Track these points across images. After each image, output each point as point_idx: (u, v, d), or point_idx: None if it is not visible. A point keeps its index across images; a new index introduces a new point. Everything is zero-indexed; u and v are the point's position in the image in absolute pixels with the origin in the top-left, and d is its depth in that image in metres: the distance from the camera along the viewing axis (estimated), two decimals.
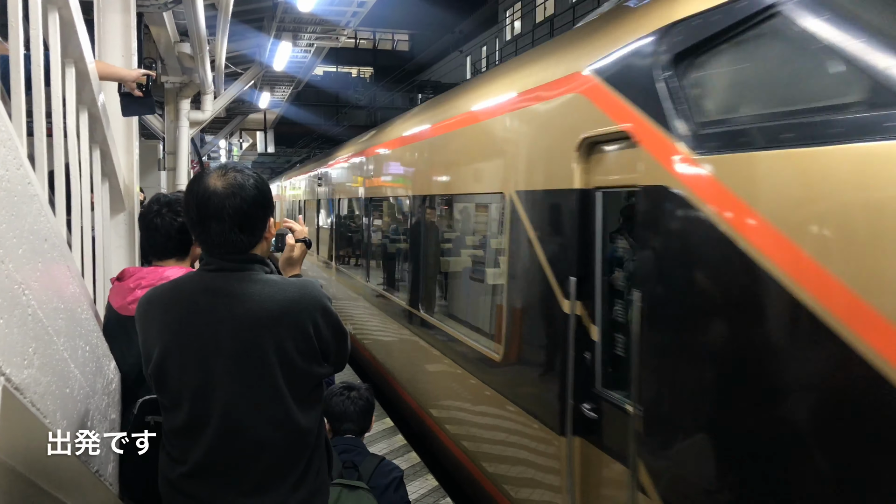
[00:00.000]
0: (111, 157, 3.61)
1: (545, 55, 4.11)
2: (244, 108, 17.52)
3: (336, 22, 10.30)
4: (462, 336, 5.02)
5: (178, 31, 8.43)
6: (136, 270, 2.79)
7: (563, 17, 25.10)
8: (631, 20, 3.20)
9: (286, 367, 1.99)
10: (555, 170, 3.53)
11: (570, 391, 3.28)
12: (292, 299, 2.01)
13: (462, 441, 5.04)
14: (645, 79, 2.82)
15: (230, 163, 2.19)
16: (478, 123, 4.71)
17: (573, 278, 3.29)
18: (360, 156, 8.81)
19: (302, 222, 2.59)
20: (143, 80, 3.70)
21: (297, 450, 2.07)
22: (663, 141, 2.66)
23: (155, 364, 2.04)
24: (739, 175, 2.33)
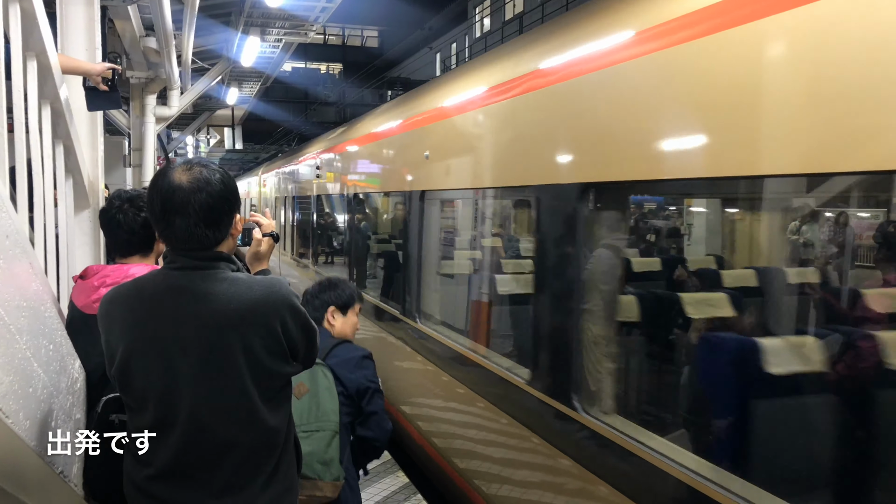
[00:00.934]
0: (75, 153, 3.55)
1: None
2: (211, 104, 17.32)
3: (305, 17, 10.22)
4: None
5: (143, 26, 8.30)
6: (99, 268, 2.75)
7: (532, 15, 25.19)
8: None
9: (254, 367, 1.97)
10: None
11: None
12: (259, 298, 1.99)
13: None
14: None
15: (195, 158, 2.18)
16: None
17: None
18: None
19: (269, 215, 2.57)
20: (108, 75, 3.65)
21: (266, 449, 2.05)
22: None
23: (119, 364, 2.00)
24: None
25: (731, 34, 2.40)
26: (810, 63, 2.15)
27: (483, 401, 4.24)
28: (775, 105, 2.27)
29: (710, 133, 2.51)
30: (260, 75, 15.30)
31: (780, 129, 2.24)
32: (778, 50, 2.29)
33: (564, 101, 3.39)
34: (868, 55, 1.97)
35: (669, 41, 2.66)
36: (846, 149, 2.03)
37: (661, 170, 2.78)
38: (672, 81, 2.68)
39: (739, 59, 2.38)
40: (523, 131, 3.82)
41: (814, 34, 2.13)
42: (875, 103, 1.95)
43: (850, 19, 2.03)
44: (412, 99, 6.31)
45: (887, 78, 1.90)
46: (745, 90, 2.36)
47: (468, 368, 4.58)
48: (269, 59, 13.22)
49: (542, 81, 3.56)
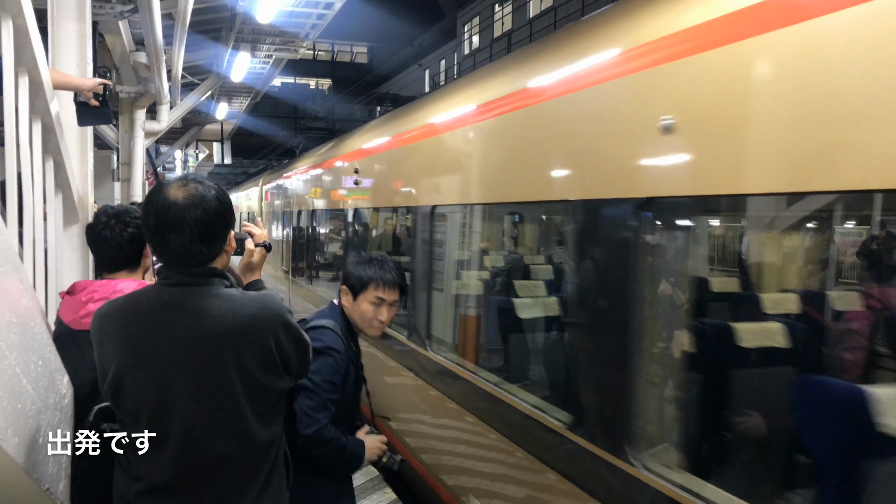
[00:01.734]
0: (65, 168, 3.54)
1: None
2: (200, 119, 17.33)
3: (295, 33, 10.29)
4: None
5: (133, 41, 8.32)
6: (87, 284, 2.74)
7: (520, 33, 25.39)
8: None
9: (247, 384, 1.97)
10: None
11: None
12: (252, 314, 2.00)
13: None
14: None
15: (190, 174, 2.17)
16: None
17: None
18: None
19: (261, 225, 2.57)
20: (99, 90, 3.65)
21: (257, 465, 2.05)
22: None
23: (111, 380, 2.00)
24: None
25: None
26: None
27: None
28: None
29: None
30: (250, 90, 15.34)
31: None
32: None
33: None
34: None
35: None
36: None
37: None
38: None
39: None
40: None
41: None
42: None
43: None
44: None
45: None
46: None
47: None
48: (259, 75, 13.27)
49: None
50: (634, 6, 3.12)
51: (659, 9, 2.86)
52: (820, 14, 2.05)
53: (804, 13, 2.11)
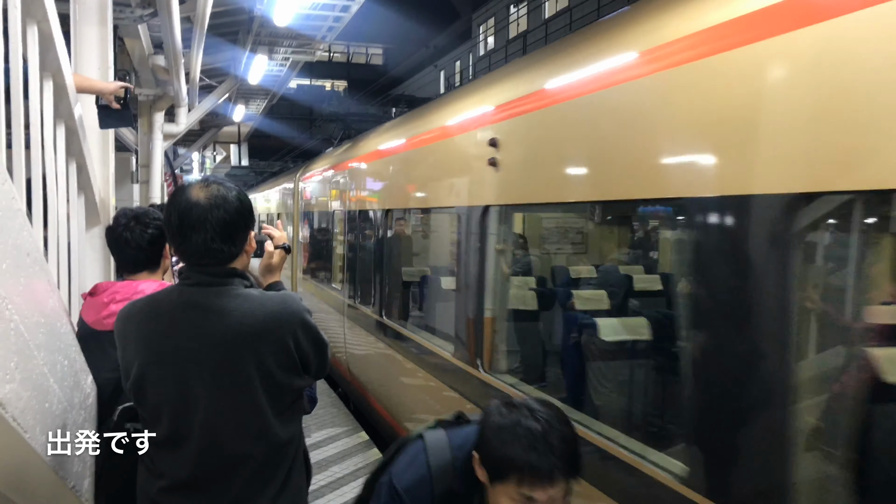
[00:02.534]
0: (87, 170, 3.59)
1: None
2: (218, 121, 17.45)
3: (312, 36, 10.34)
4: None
5: (152, 44, 8.40)
6: (109, 285, 2.78)
7: (535, 34, 25.36)
8: None
9: (266, 382, 2.00)
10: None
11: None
12: (272, 314, 2.03)
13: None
14: None
15: (211, 176, 2.22)
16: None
17: None
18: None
19: (281, 228, 2.60)
20: (121, 93, 3.70)
21: (277, 462, 2.07)
22: None
23: (134, 378, 2.04)
24: None
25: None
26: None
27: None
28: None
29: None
30: (267, 93, 15.44)
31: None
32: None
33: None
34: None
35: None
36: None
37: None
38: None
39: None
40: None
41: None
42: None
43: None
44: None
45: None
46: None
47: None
48: (276, 77, 13.34)
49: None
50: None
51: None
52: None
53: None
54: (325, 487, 5.30)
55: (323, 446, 6.27)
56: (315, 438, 6.45)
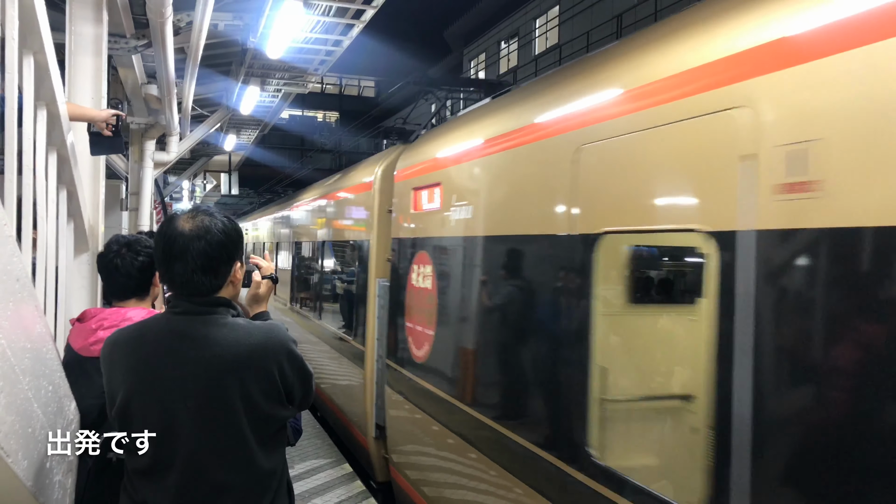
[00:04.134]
0: (77, 197, 3.62)
1: None
2: (209, 150, 17.51)
3: (304, 69, 10.44)
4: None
5: (145, 73, 8.47)
6: (97, 311, 2.79)
7: (525, 69, 25.70)
8: None
9: (250, 411, 2.02)
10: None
11: None
12: (257, 343, 2.05)
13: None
14: None
15: (201, 206, 2.24)
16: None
17: None
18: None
19: (269, 258, 2.64)
20: (112, 121, 3.75)
21: (260, 493, 2.08)
22: None
23: (119, 406, 2.05)
24: None
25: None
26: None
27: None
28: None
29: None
30: (258, 123, 15.51)
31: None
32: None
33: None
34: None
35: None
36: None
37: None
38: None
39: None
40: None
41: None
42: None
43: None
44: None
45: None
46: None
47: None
48: (268, 108, 13.43)
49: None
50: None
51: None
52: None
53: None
54: None
55: (306, 478, 6.23)
56: (298, 470, 6.41)
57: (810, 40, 2.22)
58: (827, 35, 2.16)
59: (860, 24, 2.06)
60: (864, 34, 2.03)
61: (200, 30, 6.05)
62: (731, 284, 2.37)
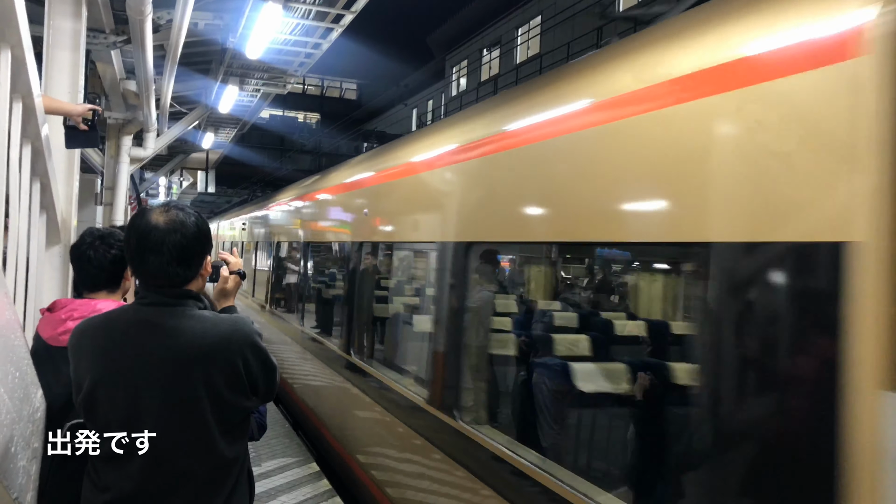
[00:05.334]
0: (50, 190, 3.65)
1: None
2: (186, 147, 17.43)
3: (283, 70, 10.48)
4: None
5: (124, 69, 8.47)
6: (67, 302, 2.82)
7: (506, 77, 25.88)
8: None
9: (214, 401, 2.07)
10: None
11: None
12: (223, 335, 2.11)
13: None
14: None
15: (172, 201, 2.31)
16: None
17: None
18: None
19: (236, 254, 2.70)
20: (89, 115, 3.78)
21: (221, 480, 2.14)
22: None
23: (85, 393, 2.10)
24: None
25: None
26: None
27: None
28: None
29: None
30: (237, 122, 15.49)
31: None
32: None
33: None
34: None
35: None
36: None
37: None
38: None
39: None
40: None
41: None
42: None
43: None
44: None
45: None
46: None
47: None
48: (247, 107, 13.43)
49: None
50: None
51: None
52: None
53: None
54: None
55: (273, 475, 6.26)
56: (266, 467, 6.44)
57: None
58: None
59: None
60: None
61: (180, 28, 6.09)
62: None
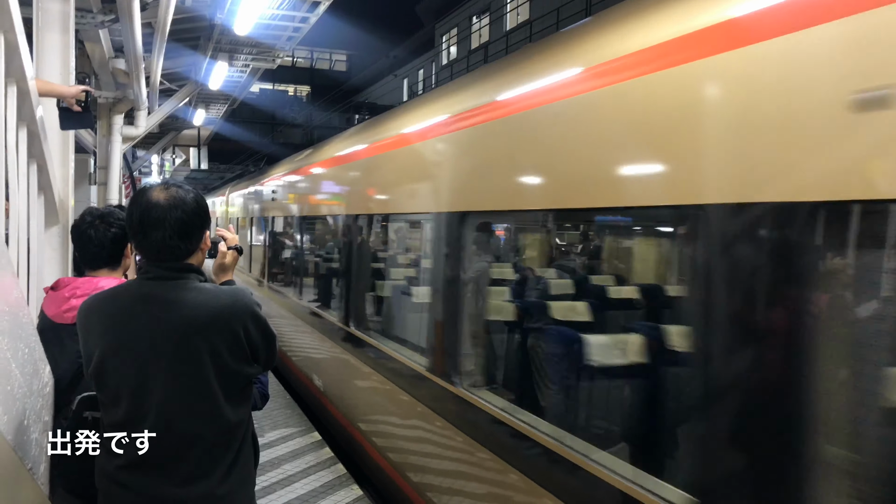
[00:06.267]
0: (47, 171, 3.71)
1: None
2: (178, 124, 17.41)
3: (272, 45, 10.45)
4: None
5: (113, 47, 8.45)
6: (70, 280, 2.91)
7: (496, 45, 25.74)
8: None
9: (218, 368, 2.18)
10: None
11: None
12: (224, 306, 2.21)
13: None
14: None
15: (170, 179, 2.41)
16: None
17: None
18: None
19: (233, 230, 2.79)
20: (82, 97, 3.83)
21: (226, 443, 2.25)
22: None
23: (95, 364, 2.20)
24: None
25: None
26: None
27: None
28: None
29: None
30: (227, 97, 15.45)
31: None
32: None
33: None
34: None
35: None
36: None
37: None
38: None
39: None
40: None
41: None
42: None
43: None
44: None
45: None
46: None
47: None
48: (237, 83, 13.40)
49: None
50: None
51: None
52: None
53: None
54: (277, 484, 5.45)
55: (276, 445, 6.40)
56: (269, 437, 6.59)
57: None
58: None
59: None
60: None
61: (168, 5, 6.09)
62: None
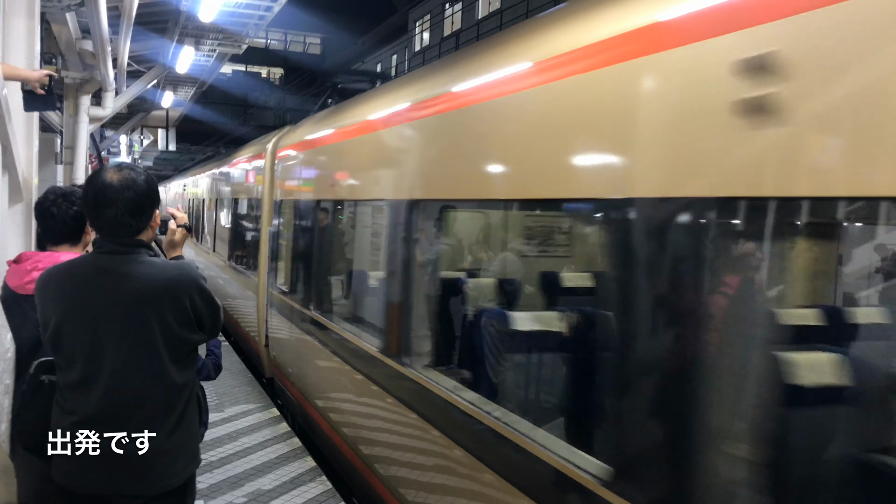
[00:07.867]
0: (11, 151, 3.87)
1: None
2: (146, 106, 17.35)
3: (237, 32, 10.54)
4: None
5: (79, 29, 8.51)
6: (33, 254, 3.08)
7: (468, 33, 25.91)
8: None
9: (166, 335, 2.42)
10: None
11: None
12: (171, 278, 2.46)
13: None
14: None
15: (124, 163, 2.63)
16: None
17: None
18: None
19: (180, 209, 3.03)
20: (45, 81, 3.99)
21: (173, 402, 2.49)
22: None
23: (52, 330, 2.43)
24: None
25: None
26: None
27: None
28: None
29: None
30: (195, 81, 15.46)
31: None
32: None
33: None
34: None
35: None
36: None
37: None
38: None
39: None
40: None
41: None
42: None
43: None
44: None
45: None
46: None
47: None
48: (204, 67, 13.44)
49: None
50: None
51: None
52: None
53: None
54: (233, 455, 5.69)
55: (235, 419, 6.64)
56: (229, 412, 6.82)
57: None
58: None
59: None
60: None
61: None
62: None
